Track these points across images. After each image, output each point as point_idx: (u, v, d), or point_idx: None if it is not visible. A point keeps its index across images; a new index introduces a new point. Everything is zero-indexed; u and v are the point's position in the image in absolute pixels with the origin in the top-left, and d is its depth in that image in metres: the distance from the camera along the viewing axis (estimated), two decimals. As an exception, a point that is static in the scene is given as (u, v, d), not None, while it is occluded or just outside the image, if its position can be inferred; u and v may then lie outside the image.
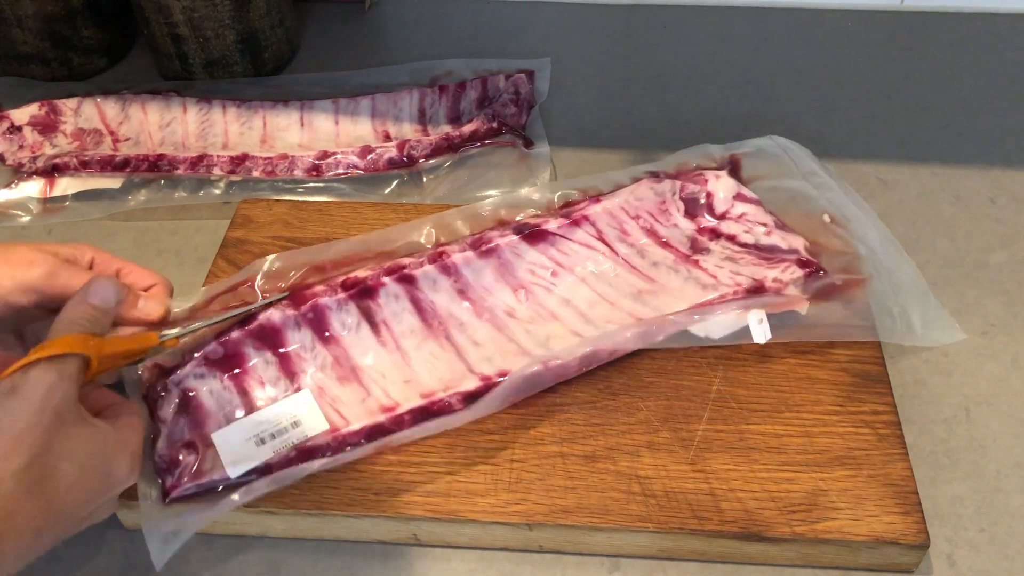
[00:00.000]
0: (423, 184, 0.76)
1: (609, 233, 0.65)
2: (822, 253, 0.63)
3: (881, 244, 0.63)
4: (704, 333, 0.58)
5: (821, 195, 0.66)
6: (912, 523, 0.51)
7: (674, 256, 0.64)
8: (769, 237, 0.64)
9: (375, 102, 0.82)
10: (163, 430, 0.54)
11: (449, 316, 0.61)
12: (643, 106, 0.84)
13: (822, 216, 0.65)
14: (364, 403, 0.57)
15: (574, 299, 0.62)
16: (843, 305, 0.60)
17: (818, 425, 0.56)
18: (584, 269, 0.63)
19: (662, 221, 0.66)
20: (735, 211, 0.66)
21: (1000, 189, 0.75)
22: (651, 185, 0.67)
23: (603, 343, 0.57)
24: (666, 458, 0.55)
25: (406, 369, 0.58)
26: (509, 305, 0.62)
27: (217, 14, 0.83)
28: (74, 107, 0.82)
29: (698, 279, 0.62)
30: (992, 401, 0.61)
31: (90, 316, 0.48)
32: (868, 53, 0.90)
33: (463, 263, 0.62)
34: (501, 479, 0.54)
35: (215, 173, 0.76)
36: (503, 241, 0.64)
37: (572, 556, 0.54)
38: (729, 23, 0.94)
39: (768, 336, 0.58)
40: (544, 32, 0.94)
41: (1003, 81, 0.85)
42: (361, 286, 0.61)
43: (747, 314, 0.58)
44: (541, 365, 0.56)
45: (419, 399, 0.56)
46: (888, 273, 0.61)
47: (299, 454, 0.54)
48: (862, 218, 0.65)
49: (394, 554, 0.55)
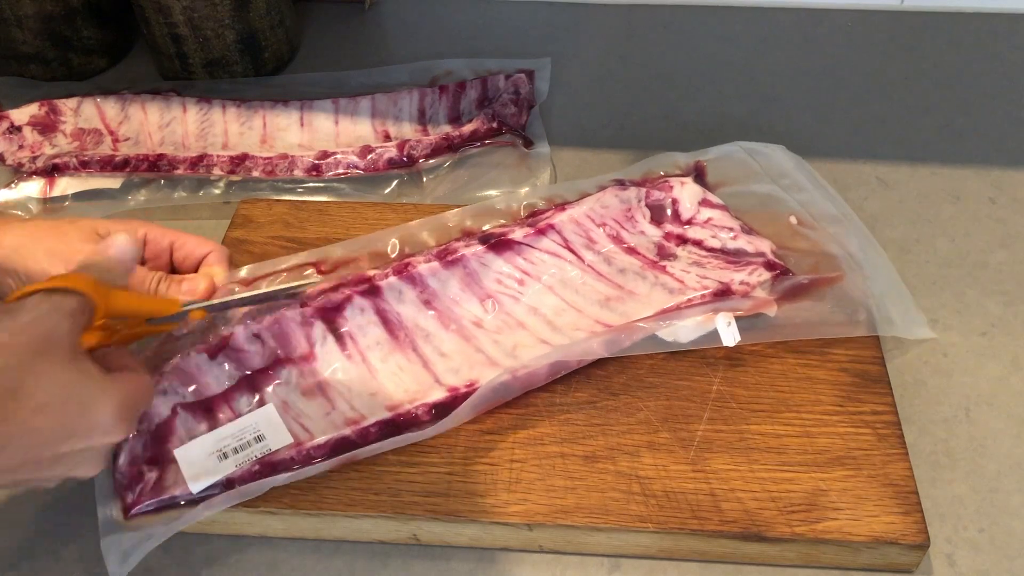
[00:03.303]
0: (423, 184, 0.76)
1: (575, 241, 0.65)
2: (790, 255, 0.63)
3: (858, 242, 0.64)
4: (672, 338, 0.58)
5: (791, 197, 0.67)
6: (912, 523, 0.51)
7: (641, 262, 0.64)
8: (735, 241, 0.64)
9: (375, 102, 0.82)
10: (124, 446, 0.54)
11: (415, 327, 0.61)
12: (643, 106, 0.84)
13: (789, 219, 0.65)
14: (329, 416, 0.56)
15: (541, 307, 0.62)
16: (814, 303, 0.60)
17: (818, 425, 0.56)
18: (551, 277, 0.63)
19: (628, 228, 0.66)
20: (701, 216, 0.66)
21: (1000, 189, 0.75)
22: (616, 193, 0.67)
23: (570, 352, 0.57)
24: (666, 458, 0.55)
25: (372, 382, 0.58)
26: (476, 315, 0.62)
27: (217, 14, 0.83)
28: (74, 107, 0.82)
29: (665, 284, 0.62)
30: (992, 401, 0.61)
31: (104, 264, 0.48)
32: (868, 53, 0.90)
33: (429, 273, 0.62)
34: (501, 479, 0.54)
35: (215, 173, 0.76)
36: (469, 251, 0.63)
37: (572, 556, 0.54)
38: (729, 23, 0.94)
39: (737, 338, 0.58)
40: (544, 32, 0.94)
41: (1003, 81, 0.85)
42: (326, 302, 0.60)
43: (715, 318, 0.58)
44: (509, 375, 0.56)
45: (385, 412, 0.56)
46: (861, 270, 0.62)
47: (262, 467, 0.54)
48: (838, 217, 0.65)
49: (394, 554, 0.55)
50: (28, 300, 0.44)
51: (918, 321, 0.62)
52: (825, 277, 0.61)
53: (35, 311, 0.43)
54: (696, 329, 0.59)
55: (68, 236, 0.54)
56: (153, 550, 0.52)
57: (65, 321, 0.44)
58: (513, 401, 0.58)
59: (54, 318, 0.44)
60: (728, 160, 0.70)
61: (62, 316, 0.44)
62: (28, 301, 0.44)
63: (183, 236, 0.58)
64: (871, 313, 0.60)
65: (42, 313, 0.43)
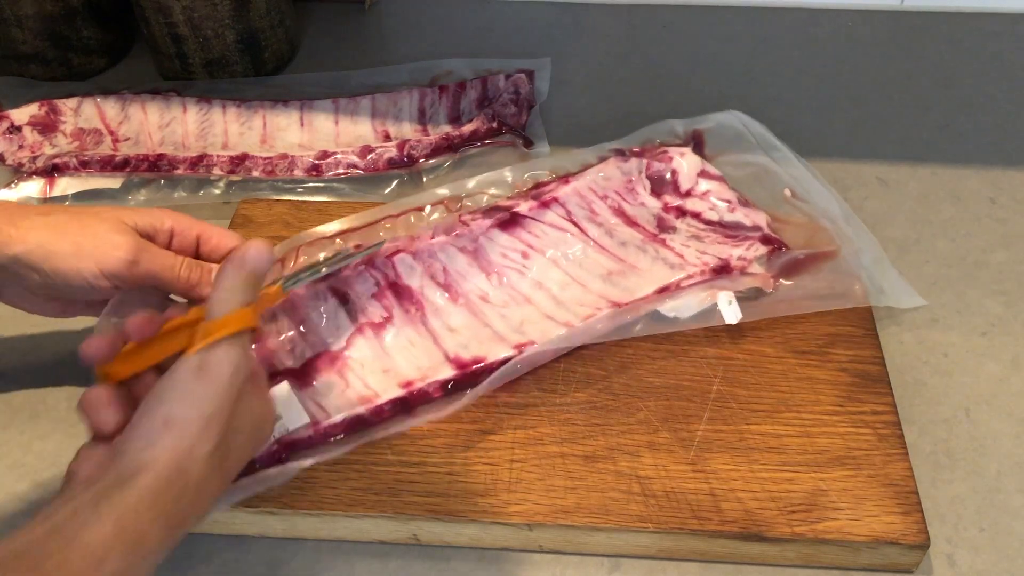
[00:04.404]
0: (423, 184, 0.76)
1: (578, 214, 0.66)
2: (785, 228, 0.65)
3: (843, 216, 0.66)
4: (674, 313, 0.60)
5: (783, 170, 0.69)
6: (912, 523, 0.51)
7: (642, 235, 0.66)
8: (733, 214, 0.66)
9: (375, 102, 0.82)
10: None
11: (425, 301, 0.61)
12: (643, 106, 0.84)
13: (784, 191, 0.68)
14: (344, 394, 0.57)
15: (546, 282, 0.63)
16: (811, 278, 0.62)
17: (818, 425, 0.56)
18: (555, 251, 0.65)
19: (629, 200, 0.68)
20: (699, 188, 0.68)
21: (1000, 189, 0.75)
22: (618, 164, 0.69)
23: (576, 337, 0.59)
24: (666, 458, 0.55)
25: (385, 358, 0.59)
26: (483, 289, 0.63)
27: (217, 14, 0.83)
28: (74, 107, 0.82)
29: (665, 259, 0.64)
30: (992, 401, 0.61)
31: (251, 284, 0.47)
32: (868, 53, 0.90)
33: (438, 248, 0.63)
34: (501, 479, 0.54)
35: (215, 173, 0.76)
36: (475, 225, 0.64)
37: (572, 556, 0.54)
38: (729, 23, 0.94)
39: (739, 316, 0.59)
40: (544, 32, 0.94)
41: (1003, 81, 0.85)
42: (337, 277, 0.61)
43: (716, 295, 0.60)
44: (517, 354, 0.57)
45: (398, 389, 0.57)
46: (851, 243, 0.63)
47: (281, 447, 0.54)
48: (823, 192, 0.67)
49: (394, 554, 0.55)
50: (219, 352, 0.43)
51: (908, 291, 0.63)
52: (820, 252, 0.63)
53: (230, 365, 0.43)
54: (697, 305, 0.60)
55: (94, 229, 0.53)
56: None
57: (249, 363, 0.45)
58: (513, 401, 0.58)
59: (245, 365, 0.45)
60: (725, 129, 0.72)
61: (247, 359, 0.45)
62: (220, 354, 0.43)
63: (210, 228, 0.57)
64: (864, 284, 0.61)
65: (236, 365, 0.44)
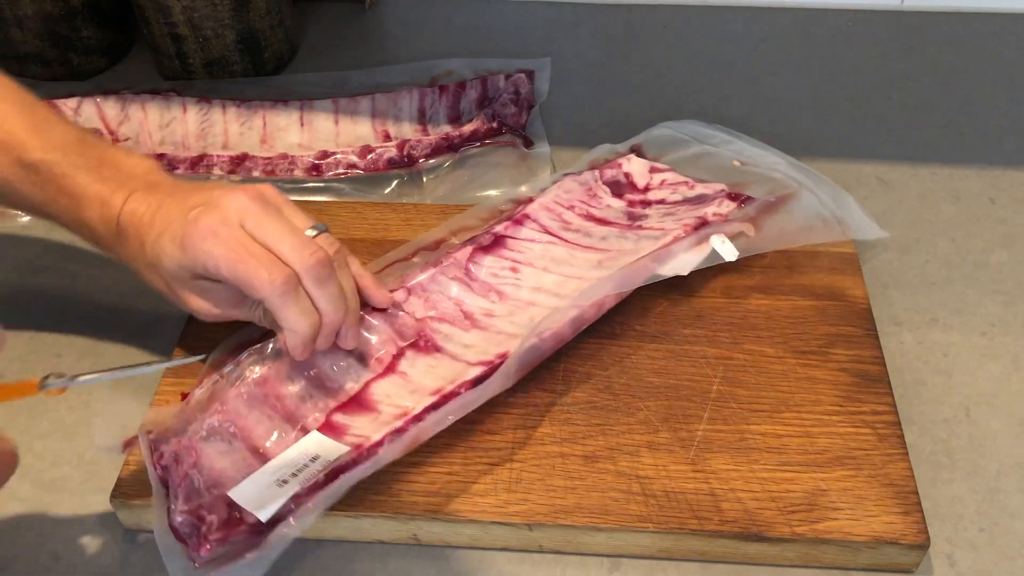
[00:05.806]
0: (423, 184, 0.76)
1: (552, 226, 0.68)
2: (744, 188, 0.69)
3: (795, 168, 0.70)
4: (674, 272, 0.61)
5: (723, 149, 0.73)
6: (912, 523, 0.51)
7: (618, 228, 0.68)
8: (693, 190, 0.70)
9: (375, 102, 0.82)
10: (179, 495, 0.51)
11: (433, 333, 0.61)
12: (643, 106, 0.84)
13: (732, 163, 0.72)
14: (377, 420, 0.56)
15: (543, 285, 0.64)
16: (785, 217, 0.66)
17: (818, 425, 0.56)
18: (541, 259, 0.65)
19: (595, 204, 0.70)
20: (655, 180, 0.71)
21: (1000, 189, 0.75)
22: (574, 178, 0.71)
23: (585, 297, 0.60)
24: (666, 458, 0.55)
25: (409, 384, 0.58)
26: (485, 308, 0.62)
27: (217, 14, 0.83)
28: (74, 107, 0.82)
29: (648, 236, 0.66)
30: (992, 401, 0.61)
31: None
32: (868, 53, 0.90)
33: (428, 281, 0.62)
34: (501, 479, 0.54)
35: (215, 173, 0.76)
36: (458, 253, 0.64)
37: (572, 556, 0.54)
38: (729, 23, 0.94)
39: (736, 254, 0.63)
40: (544, 32, 0.94)
41: (1003, 81, 0.85)
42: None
43: (708, 243, 0.63)
44: (536, 338, 0.57)
45: (430, 398, 0.56)
46: (810, 187, 0.68)
47: (329, 477, 0.52)
48: (768, 154, 0.72)
49: (394, 554, 0.55)
50: None
51: (868, 223, 0.67)
52: (784, 194, 0.68)
53: None
54: (695, 257, 0.62)
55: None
56: (152, 554, 0.51)
57: None
58: (513, 401, 0.58)
59: None
60: (658, 139, 0.76)
61: None
62: None
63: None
64: (831, 218, 0.66)
65: None
